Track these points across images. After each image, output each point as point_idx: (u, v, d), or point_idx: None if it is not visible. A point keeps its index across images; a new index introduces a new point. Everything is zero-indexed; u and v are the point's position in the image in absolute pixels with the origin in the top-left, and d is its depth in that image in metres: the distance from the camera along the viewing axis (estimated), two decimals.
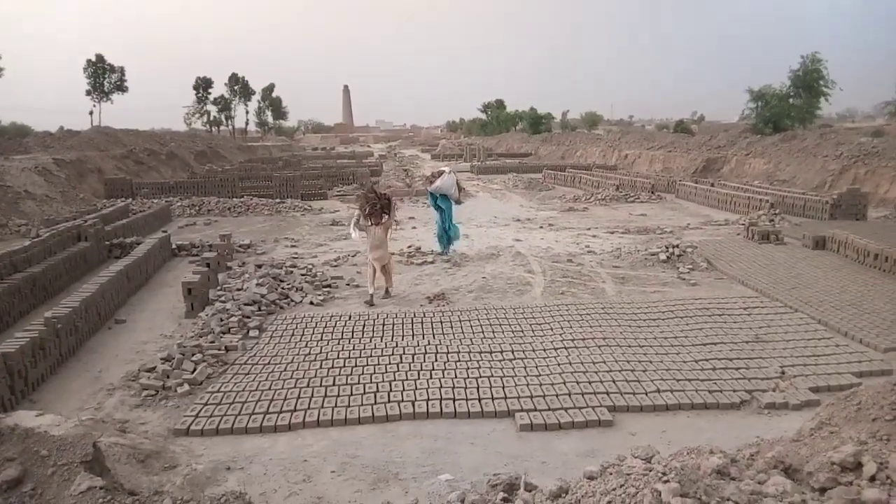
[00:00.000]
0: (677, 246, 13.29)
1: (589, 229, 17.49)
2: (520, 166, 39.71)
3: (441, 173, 13.89)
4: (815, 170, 24.94)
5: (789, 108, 36.32)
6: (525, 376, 7.04)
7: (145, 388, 6.94)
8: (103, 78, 53.47)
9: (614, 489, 2.25)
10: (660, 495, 2.09)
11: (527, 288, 11.21)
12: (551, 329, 8.70)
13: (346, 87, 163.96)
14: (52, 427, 5.13)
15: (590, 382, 6.84)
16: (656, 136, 44.76)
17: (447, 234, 13.96)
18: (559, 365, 7.35)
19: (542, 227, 18.01)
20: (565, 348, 7.92)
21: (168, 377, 7.16)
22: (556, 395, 6.55)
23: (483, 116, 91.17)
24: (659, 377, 6.97)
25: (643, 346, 7.98)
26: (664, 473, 2.23)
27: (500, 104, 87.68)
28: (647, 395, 6.57)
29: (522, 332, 8.64)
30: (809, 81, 35.83)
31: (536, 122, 70.67)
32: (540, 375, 7.06)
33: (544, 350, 7.89)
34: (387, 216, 10.60)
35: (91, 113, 52.72)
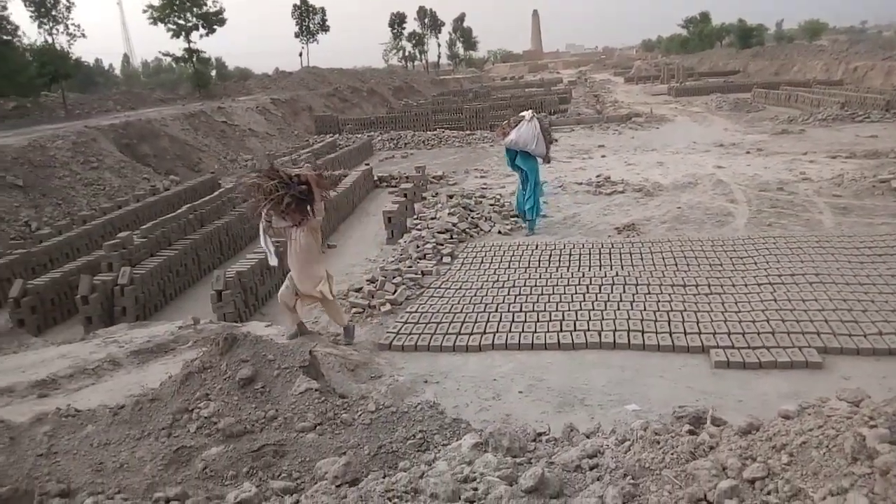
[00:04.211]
0: None
1: (805, 154, 15.65)
2: (725, 86, 36.29)
3: (520, 120, 10.34)
4: None
5: None
6: (723, 312, 6.66)
7: (354, 306, 7.68)
8: (308, 20, 57.31)
9: (811, 430, 2.10)
10: (864, 440, 1.91)
11: (728, 219, 10.43)
12: (755, 263, 8.07)
13: (535, 11, 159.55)
14: (277, 336, 5.94)
15: (797, 321, 6.29)
16: None
17: (533, 202, 10.48)
18: (762, 302, 6.83)
19: (748, 153, 16.47)
20: (770, 284, 7.33)
21: (373, 297, 7.85)
22: (758, 333, 6.13)
23: (684, 33, 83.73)
24: (882, 318, 6.20)
25: (864, 285, 7.11)
26: (871, 418, 2.03)
27: (704, 18, 79.73)
28: (865, 337, 5.90)
29: (721, 265, 8.12)
30: None
31: (746, 35, 63.37)
32: (740, 312, 6.63)
33: (746, 286, 7.36)
34: (310, 210, 6.12)
35: (301, 54, 57.05)
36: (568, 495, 2.36)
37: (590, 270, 8.27)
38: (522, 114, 10.57)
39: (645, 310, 6.84)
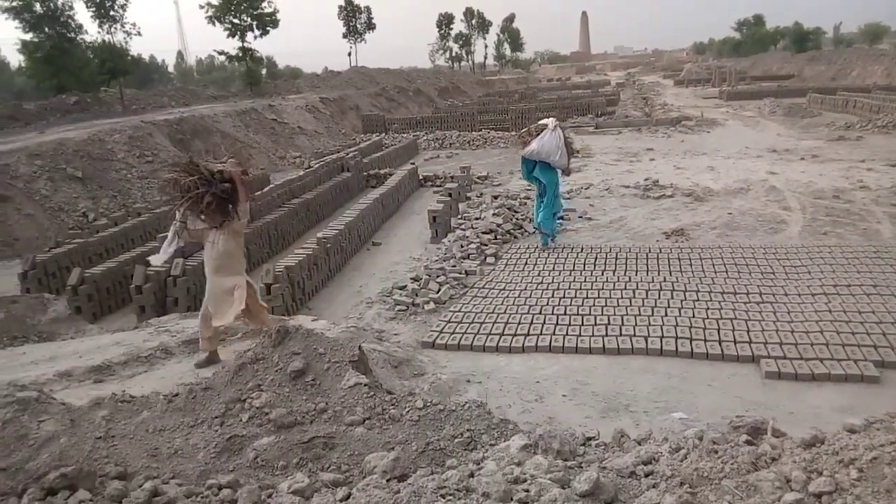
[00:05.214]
0: None
1: (863, 161, 15.11)
2: (779, 90, 35.31)
3: (542, 129, 9.40)
4: None
5: None
6: (774, 321, 6.49)
7: (398, 304, 7.74)
8: (354, 19, 58.04)
9: (882, 445, 2.02)
10: None
11: (781, 226, 10.15)
12: (809, 273, 7.84)
13: (584, 13, 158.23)
14: (325, 330, 6.02)
15: (853, 333, 6.09)
16: None
17: (547, 215, 9.66)
18: (816, 312, 6.63)
19: (803, 159, 15.99)
20: (825, 294, 7.11)
21: (417, 295, 7.90)
22: (811, 345, 5.95)
23: (736, 36, 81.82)
24: None
25: None
26: None
27: (758, 20, 77.79)
28: None
29: (773, 274, 7.91)
30: None
31: (802, 39, 61.65)
32: (792, 322, 6.45)
33: (799, 295, 7.16)
34: (233, 211, 5.38)
35: (349, 54, 57.81)
36: (623, 501, 2.34)
37: (636, 275, 8.15)
38: (544, 121, 9.62)
39: (693, 317, 6.71)
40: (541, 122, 9.70)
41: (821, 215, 10.55)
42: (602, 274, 8.28)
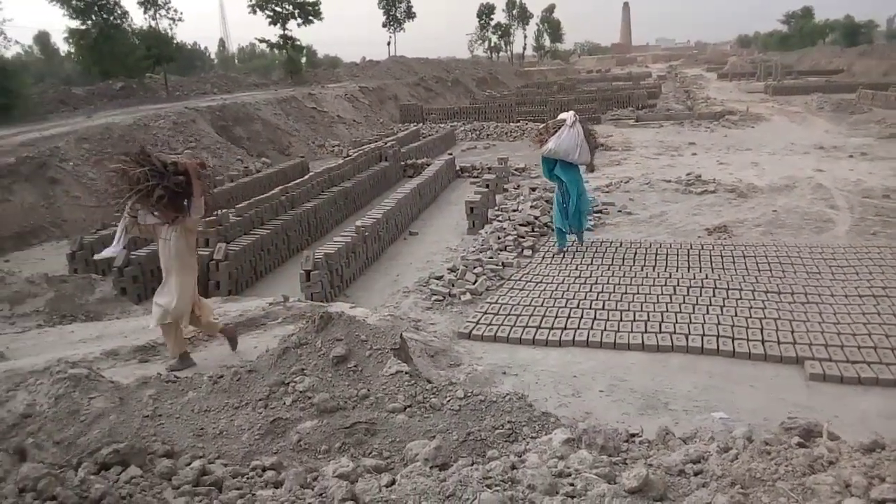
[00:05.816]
0: None
1: None
2: (827, 85, 34.28)
3: (560, 125, 8.82)
4: None
5: None
6: (820, 322, 6.33)
7: (434, 294, 7.76)
8: (395, 8, 58.10)
9: None
10: None
11: (828, 225, 9.88)
12: (857, 273, 7.62)
13: (625, 4, 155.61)
14: (365, 317, 6.08)
15: None
16: None
17: (577, 216, 9.17)
18: (864, 315, 6.44)
19: (852, 157, 15.51)
20: (874, 296, 6.90)
21: (453, 286, 7.91)
22: (858, 348, 5.79)
23: (784, 29, 79.62)
24: None
25: None
26: None
27: (806, 13, 75.53)
28: None
29: (820, 274, 7.71)
30: None
31: (852, 33, 59.59)
32: (839, 324, 6.28)
33: (846, 297, 6.96)
34: (188, 206, 5.16)
35: (388, 43, 57.95)
36: (672, 499, 2.31)
37: (677, 271, 8.02)
38: (562, 116, 9.04)
39: (736, 315, 6.58)
40: (559, 116, 9.20)
41: (870, 215, 10.24)
42: (642, 269, 8.17)
